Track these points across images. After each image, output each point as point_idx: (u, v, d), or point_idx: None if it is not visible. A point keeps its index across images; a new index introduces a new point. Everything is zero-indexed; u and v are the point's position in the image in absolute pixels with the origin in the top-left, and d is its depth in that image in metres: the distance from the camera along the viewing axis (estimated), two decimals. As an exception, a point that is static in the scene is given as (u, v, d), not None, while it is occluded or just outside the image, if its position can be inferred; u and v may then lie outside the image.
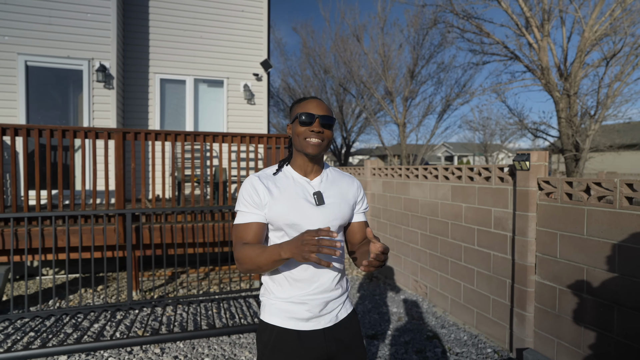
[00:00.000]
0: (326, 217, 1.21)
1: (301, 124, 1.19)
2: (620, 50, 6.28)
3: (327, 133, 1.22)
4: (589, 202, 2.32)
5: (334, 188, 1.29)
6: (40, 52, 5.18)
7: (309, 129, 1.18)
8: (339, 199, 1.27)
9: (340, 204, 1.26)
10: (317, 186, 1.26)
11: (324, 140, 1.21)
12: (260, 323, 1.24)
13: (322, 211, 1.21)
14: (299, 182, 1.24)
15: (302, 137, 1.20)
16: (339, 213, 1.25)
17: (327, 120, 1.20)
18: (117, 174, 3.90)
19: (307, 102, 1.23)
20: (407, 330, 3.29)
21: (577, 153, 6.65)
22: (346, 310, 1.29)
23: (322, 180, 1.28)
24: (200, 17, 6.39)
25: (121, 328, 3.19)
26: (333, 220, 1.22)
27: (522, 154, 2.73)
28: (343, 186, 1.32)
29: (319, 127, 1.19)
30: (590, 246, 2.30)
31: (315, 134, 1.18)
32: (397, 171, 4.60)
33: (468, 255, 3.42)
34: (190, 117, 6.39)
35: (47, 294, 4.10)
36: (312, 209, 1.20)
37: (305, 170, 1.25)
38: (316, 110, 1.20)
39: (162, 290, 4.32)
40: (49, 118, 5.38)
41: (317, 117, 1.19)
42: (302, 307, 1.18)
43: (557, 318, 2.53)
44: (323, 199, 1.23)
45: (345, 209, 1.27)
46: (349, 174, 1.40)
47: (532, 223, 2.72)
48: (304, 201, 1.20)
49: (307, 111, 1.20)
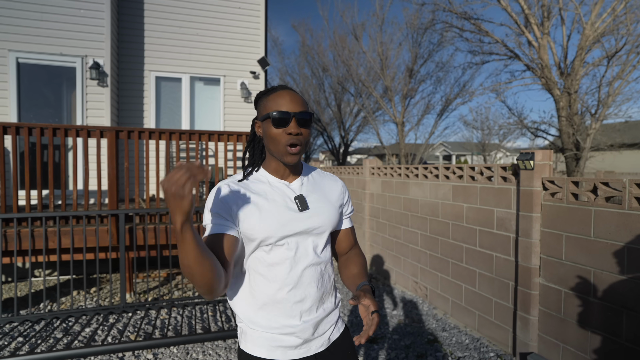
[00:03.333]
0: (313, 224, 1.05)
1: (274, 124, 0.99)
2: (622, 48, 6.22)
3: (306, 133, 1.02)
4: (596, 203, 2.24)
5: (317, 190, 1.12)
6: (32, 48, 5.06)
7: (284, 132, 0.99)
8: (325, 202, 1.11)
9: (326, 208, 1.10)
10: (298, 189, 1.08)
11: (302, 145, 1.02)
12: (240, 353, 1.06)
13: (308, 217, 1.05)
14: (276, 187, 1.06)
15: (278, 143, 1.00)
16: (327, 218, 1.09)
17: (305, 117, 1.00)
18: (109, 173, 3.80)
19: (278, 96, 1.01)
20: (408, 334, 3.21)
21: (578, 152, 6.60)
22: (338, 330, 1.15)
23: (302, 182, 1.10)
24: (197, 14, 6.29)
25: (113, 332, 3.09)
26: (321, 227, 1.07)
27: (526, 153, 2.65)
28: (326, 188, 1.16)
29: (297, 128, 0.99)
30: (597, 248, 2.23)
31: (294, 137, 0.99)
32: (397, 170, 4.52)
33: (469, 257, 3.34)
34: (187, 116, 6.29)
35: (38, 297, 4.00)
36: (295, 217, 1.03)
37: (283, 173, 1.08)
38: (291, 106, 1.00)
39: (157, 292, 4.22)
40: (42, 116, 5.27)
41: (294, 115, 0.98)
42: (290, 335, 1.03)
43: (562, 322, 2.46)
44: (307, 203, 1.06)
45: (332, 214, 1.11)
46: (331, 173, 1.25)
47: (537, 224, 2.64)
48: (285, 208, 1.03)
49: (280, 108, 0.99)
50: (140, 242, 3.89)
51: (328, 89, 17.96)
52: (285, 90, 1.03)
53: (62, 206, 3.69)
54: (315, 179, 1.16)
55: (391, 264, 4.69)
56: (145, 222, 3.86)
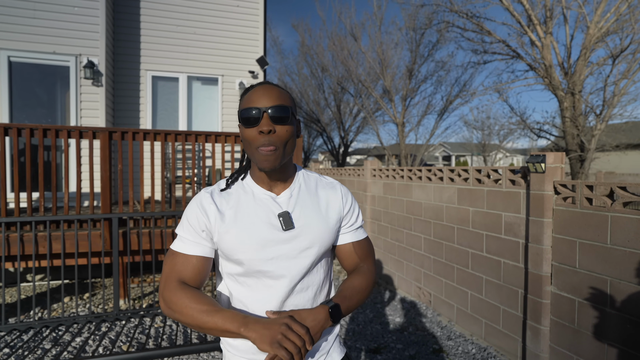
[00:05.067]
0: (296, 248, 0.90)
1: (244, 124, 0.86)
2: (627, 47, 6.11)
3: (282, 130, 0.85)
4: (613, 208, 2.12)
5: (309, 204, 0.96)
6: (24, 47, 4.93)
7: (256, 131, 0.84)
8: (315, 218, 0.94)
9: (316, 225, 0.94)
10: (285, 203, 0.93)
11: (279, 146, 0.85)
12: None
13: (293, 238, 0.90)
14: (260, 200, 0.92)
15: (249, 146, 0.87)
16: (315, 239, 0.92)
17: (279, 112, 0.84)
18: (102, 175, 3.67)
19: (251, 93, 0.88)
20: (412, 343, 3.08)
21: (582, 153, 6.48)
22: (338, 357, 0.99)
23: (292, 194, 0.95)
24: (194, 12, 6.16)
25: (105, 342, 2.96)
26: (306, 251, 0.91)
27: (537, 155, 2.54)
28: (321, 199, 0.98)
29: (269, 125, 0.84)
30: (615, 256, 2.11)
31: (266, 137, 0.84)
32: (399, 172, 4.40)
33: (476, 262, 3.22)
34: (184, 116, 6.16)
35: (29, 303, 3.86)
36: (276, 238, 0.89)
37: (269, 183, 0.93)
38: (262, 101, 0.84)
39: (152, 297, 4.09)
40: (34, 117, 5.13)
41: (264, 110, 0.84)
42: None
43: (576, 333, 2.34)
44: (292, 221, 0.91)
45: (324, 232, 0.94)
46: (331, 179, 1.07)
47: (548, 230, 2.52)
48: (267, 227, 0.89)
49: (249, 105, 0.85)
50: (135, 247, 3.76)
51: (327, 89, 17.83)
52: (260, 85, 0.89)
53: (53, 210, 3.55)
54: (309, 188, 0.99)
55: (393, 268, 4.57)
56: (139, 226, 3.73)
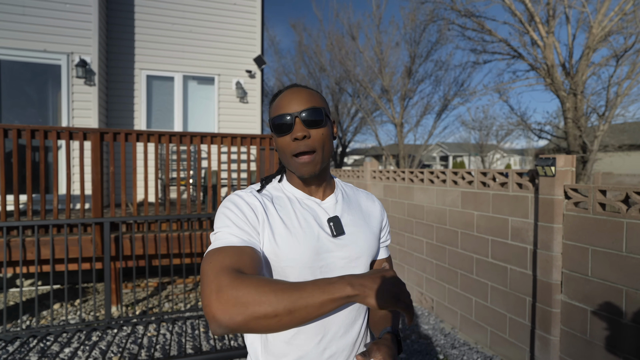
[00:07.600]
0: (345, 256, 0.83)
1: (276, 132, 0.80)
2: (631, 47, 6.03)
3: (317, 134, 0.79)
4: (629, 214, 2.02)
5: (354, 211, 0.91)
6: (13, 44, 4.78)
7: (290, 138, 0.79)
8: (363, 227, 0.89)
9: (364, 234, 0.88)
10: (332, 209, 0.87)
11: (318, 149, 0.80)
12: None
13: (344, 245, 0.83)
14: (306, 204, 0.85)
15: (284, 154, 0.81)
16: (366, 247, 0.87)
17: (313, 116, 0.78)
18: (94, 178, 3.54)
19: (280, 98, 0.82)
20: (415, 352, 2.97)
21: (585, 155, 6.40)
22: None
23: (337, 199, 0.89)
24: (190, 10, 6.03)
25: (95, 353, 2.83)
26: (358, 259, 0.85)
27: (547, 158, 2.43)
28: (363, 208, 0.94)
29: (304, 131, 0.78)
30: (631, 265, 2.00)
31: (301, 143, 0.78)
32: (400, 174, 4.29)
33: (480, 268, 3.11)
34: (179, 116, 6.02)
35: (16, 310, 3.72)
36: (328, 244, 0.82)
37: (310, 189, 0.87)
38: (292, 105, 0.79)
39: (145, 304, 3.96)
40: (25, 117, 4.98)
41: (297, 115, 0.78)
42: None
43: (588, 344, 2.23)
44: (342, 227, 0.85)
45: (372, 241, 0.89)
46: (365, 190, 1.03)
47: (558, 235, 2.41)
48: (319, 232, 0.82)
49: (279, 112, 0.79)
50: (127, 252, 3.63)
51: (325, 89, 17.70)
52: (288, 88, 0.83)
53: (42, 213, 3.42)
54: (349, 195, 0.94)
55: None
56: (132, 230, 3.60)
